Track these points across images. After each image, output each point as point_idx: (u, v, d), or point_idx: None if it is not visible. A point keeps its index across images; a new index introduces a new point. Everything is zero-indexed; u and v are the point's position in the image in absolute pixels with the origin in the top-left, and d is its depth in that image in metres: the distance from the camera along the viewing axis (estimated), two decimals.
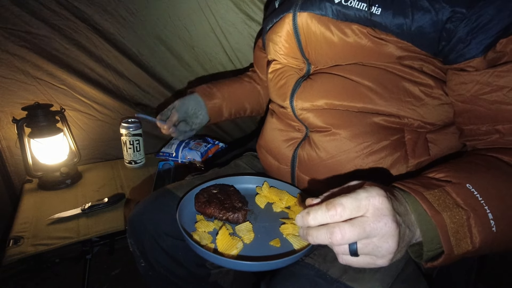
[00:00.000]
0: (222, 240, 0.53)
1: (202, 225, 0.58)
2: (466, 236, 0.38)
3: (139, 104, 1.26)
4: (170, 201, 0.68)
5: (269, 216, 0.63)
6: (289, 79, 0.68)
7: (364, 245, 0.36)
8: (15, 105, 1.03)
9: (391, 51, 0.55)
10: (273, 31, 0.69)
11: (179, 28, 1.11)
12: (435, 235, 0.38)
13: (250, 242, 0.55)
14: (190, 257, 0.69)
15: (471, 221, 0.38)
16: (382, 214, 0.35)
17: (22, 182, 1.11)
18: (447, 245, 0.38)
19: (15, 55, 0.97)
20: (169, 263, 0.68)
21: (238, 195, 0.65)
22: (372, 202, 0.35)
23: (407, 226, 0.38)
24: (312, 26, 0.59)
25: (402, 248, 0.38)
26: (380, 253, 0.36)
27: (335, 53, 0.60)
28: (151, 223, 0.67)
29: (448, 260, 0.40)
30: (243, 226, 0.58)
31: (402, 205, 0.39)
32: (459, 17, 0.47)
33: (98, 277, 1.22)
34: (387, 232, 0.35)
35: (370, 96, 0.58)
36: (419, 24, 0.50)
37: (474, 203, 0.39)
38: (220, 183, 0.69)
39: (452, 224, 0.38)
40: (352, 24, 0.55)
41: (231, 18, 1.13)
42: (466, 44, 0.49)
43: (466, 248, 0.38)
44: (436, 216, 0.38)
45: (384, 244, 0.35)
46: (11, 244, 0.81)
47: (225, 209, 0.60)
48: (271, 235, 0.57)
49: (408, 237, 0.38)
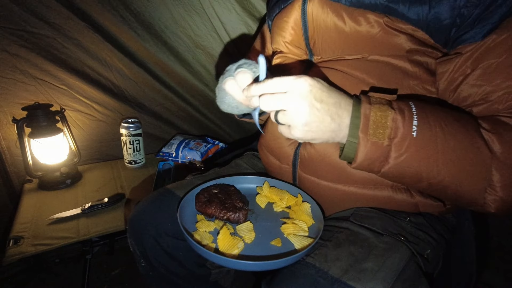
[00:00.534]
0: (223, 240, 0.53)
1: (203, 225, 0.58)
2: (385, 128, 0.45)
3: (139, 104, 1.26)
4: (170, 201, 0.67)
5: (270, 216, 0.63)
6: (291, 73, 0.67)
7: (282, 115, 0.46)
8: (15, 105, 1.03)
9: (402, 43, 0.54)
10: (280, 17, 0.67)
11: (181, 28, 1.11)
12: (358, 121, 0.46)
13: (251, 242, 0.55)
14: (191, 257, 0.69)
15: (394, 117, 0.45)
16: (298, 93, 0.44)
17: (22, 182, 1.10)
18: (363, 128, 0.45)
19: (15, 55, 0.96)
20: (169, 263, 0.68)
21: (239, 195, 0.65)
22: (294, 83, 0.44)
23: (328, 115, 0.45)
24: (322, 13, 0.58)
25: (318, 130, 0.46)
26: (293, 123, 0.45)
27: (344, 42, 0.59)
28: (152, 223, 0.66)
29: (366, 153, 0.46)
30: (244, 226, 0.58)
31: (332, 98, 0.46)
32: (475, 3, 0.48)
33: (98, 277, 1.21)
34: (298, 108, 0.44)
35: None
36: (436, 10, 0.50)
37: (404, 108, 0.46)
38: (221, 183, 0.69)
39: (375, 116, 0.45)
40: (367, 13, 0.54)
41: (235, 18, 1.12)
42: (471, 28, 0.49)
43: (382, 141, 0.45)
44: (365, 105, 0.46)
45: (294, 116, 0.44)
46: (11, 244, 0.81)
47: (226, 209, 0.60)
48: (272, 235, 0.57)
49: (329, 126, 0.46)
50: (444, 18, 0.50)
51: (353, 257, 0.49)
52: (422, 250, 0.55)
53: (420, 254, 0.54)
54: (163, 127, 1.36)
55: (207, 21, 1.11)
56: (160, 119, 1.34)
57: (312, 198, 0.64)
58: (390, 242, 0.52)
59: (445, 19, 0.50)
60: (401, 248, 0.52)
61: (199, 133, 1.47)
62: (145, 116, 1.28)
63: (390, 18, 0.53)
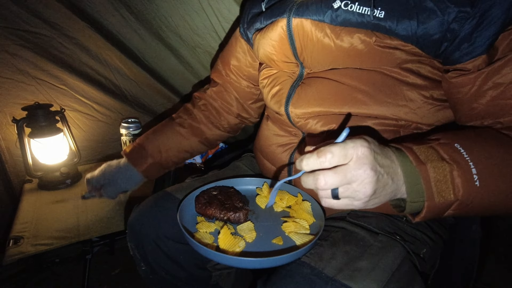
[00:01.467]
0: (224, 240, 0.53)
1: (204, 226, 0.58)
2: (449, 187, 0.41)
3: (139, 104, 1.26)
4: (170, 204, 0.67)
5: (271, 216, 0.63)
6: (283, 85, 0.66)
7: (345, 189, 0.41)
8: (15, 105, 1.03)
9: (391, 58, 0.54)
10: (264, 36, 0.65)
11: (181, 28, 1.11)
12: (418, 185, 0.42)
13: (252, 241, 0.56)
14: (192, 260, 0.69)
15: (454, 173, 0.41)
16: (363, 162, 0.39)
17: (22, 182, 1.11)
18: (428, 192, 0.41)
19: (15, 55, 0.96)
20: (170, 266, 0.68)
21: (239, 195, 0.65)
22: (356, 152, 0.40)
23: (390, 177, 0.42)
24: (308, 32, 0.57)
25: (381, 195, 0.42)
26: (358, 196, 0.41)
27: (333, 59, 0.58)
28: (152, 226, 0.66)
29: (433, 211, 0.42)
30: (245, 226, 0.58)
31: (388, 158, 0.42)
32: (464, 16, 0.47)
33: (98, 277, 1.22)
34: (365, 179, 0.39)
35: (366, 102, 0.57)
36: (424, 26, 0.49)
37: (458, 158, 0.42)
38: (220, 185, 0.69)
39: (434, 174, 0.41)
40: (355, 31, 0.53)
41: (234, 17, 1.12)
42: (471, 42, 0.48)
43: (449, 198, 0.41)
44: (420, 166, 0.42)
45: (361, 189, 0.40)
46: (11, 244, 0.81)
47: (226, 209, 0.60)
48: (273, 234, 0.57)
49: (391, 188, 0.42)
50: (434, 33, 0.49)
51: (348, 256, 0.50)
52: (418, 250, 0.55)
53: (415, 253, 0.54)
54: None
55: (206, 21, 1.11)
56: (160, 119, 1.34)
57: (312, 197, 0.64)
58: (385, 241, 0.53)
59: (434, 33, 0.49)
60: (396, 247, 0.52)
61: None
62: (145, 116, 1.28)
63: (379, 36, 0.52)
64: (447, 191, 0.41)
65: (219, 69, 0.88)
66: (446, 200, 0.42)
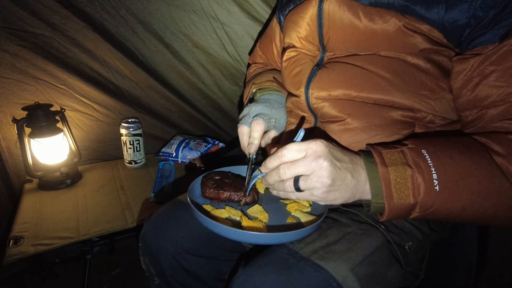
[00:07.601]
0: (247, 223, 0.54)
1: (217, 213, 0.57)
2: (408, 190, 0.44)
3: (139, 104, 1.26)
4: (185, 213, 0.65)
5: (271, 199, 0.64)
6: (304, 67, 0.67)
7: (304, 181, 0.45)
8: (15, 105, 1.03)
9: (416, 43, 0.54)
10: (295, 12, 0.66)
11: (181, 28, 1.11)
12: (380, 187, 0.45)
13: (267, 221, 0.57)
14: (212, 273, 0.67)
15: (415, 177, 0.44)
16: (318, 155, 0.44)
17: (22, 182, 1.11)
18: (387, 193, 0.44)
19: (15, 55, 0.96)
20: (189, 281, 0.66)
21: (241, 177, 0.66)
22: (311, 146, 0.44)
23: (348, 172, 0.46)
24: (339, 11, 0.58)
25: (340, 188, 0.46)
26: (316, 187, 0.45)
27: (358, 40, 0.59)
28: (169, 241, 0.63)
29: (394, 212, 0.45)
30: (255, 209, 0.59)
31: (346, 156, 0.47)
32: (490, 4, 0.47)
33: (98, 277, 1.22)
34: (321, 170, 0.44)
35: (387, 88, 0.57)
36: (453, 10, 0.50)
37: (421, 163, 0.44)
38: (217, 170, 0.68)
39: (395, 177, 0.44)
40: (385, 12, 0.54)
41: (234, 18, 1.12)
42: (487, 30, 0.49)
43: (408, 201, 0.44)
44: (382, 168, 0.45)
45: (318, 179, 0.44)
46: (11, 244, 0.81)
47: (240, 190, 0.60)
48: (281, 214, 0.59)
49: (351, 183, 0.46)
50: (460, 18, 0.50)
51: (326, 240, 0.52)
52: (403, 241, 0.57)
53: (398, 244, 0.56)
54: (163, 127, 1.36)
55: (206, 21, 1.11)
56: (160, 119, 1.34)
57: None
58: (366, 229, 0.55)
59: (460, 19, 0.50)
60: (375, 234, 0.55)
61: (199, 133, 1.47)
62: (145, 116, 1.28)
63: (408, 18, 0.53)
64: (407, 193, 0.44)
65: (259, 54, 0.94)
66: (405, 202, 0.44)
